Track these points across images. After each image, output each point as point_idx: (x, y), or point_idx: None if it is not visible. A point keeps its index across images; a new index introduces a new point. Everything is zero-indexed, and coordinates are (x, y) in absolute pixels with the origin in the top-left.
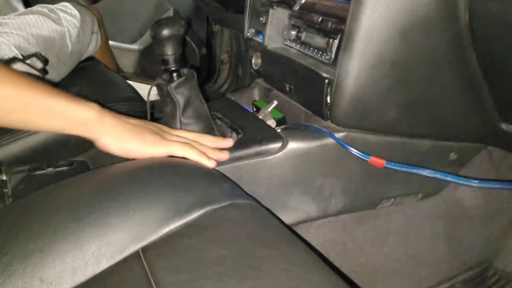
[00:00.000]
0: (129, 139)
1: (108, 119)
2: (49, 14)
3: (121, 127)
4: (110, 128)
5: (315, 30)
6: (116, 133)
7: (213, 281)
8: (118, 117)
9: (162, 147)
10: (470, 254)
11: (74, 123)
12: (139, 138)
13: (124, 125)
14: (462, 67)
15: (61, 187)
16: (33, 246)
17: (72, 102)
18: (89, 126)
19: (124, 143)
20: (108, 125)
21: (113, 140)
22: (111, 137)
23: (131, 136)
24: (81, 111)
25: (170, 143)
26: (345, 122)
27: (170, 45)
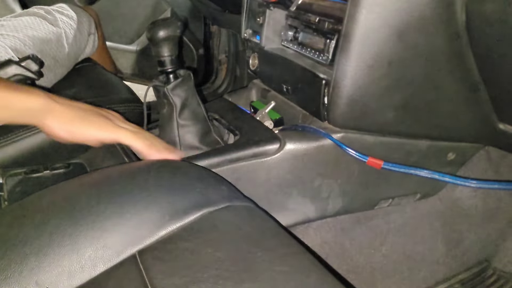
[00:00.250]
0: (75, 121)
1: (55, 105)
2: (46, 15)
3: (68, 111)
4: (55, 113)
5: (312, 31)
6: (62, 116)
7: (209, 284)
8: (67, 103)
9: (110, 132)
10: (468, 254)
11: (20, 113)
12: (86, 121)
13: (72, 109)
14: (459, 67)
15: (57, 190)
16: (29, 249)
17: (19, 93)
18: (35, 113)
19: (69, 126)
20: (55, 110)
21: (58, 123)
22: (56, 120)
23: (77, 119)
24: (26, 101)
25: (119, 129)
26: (342, 123)
27: (166, 47)
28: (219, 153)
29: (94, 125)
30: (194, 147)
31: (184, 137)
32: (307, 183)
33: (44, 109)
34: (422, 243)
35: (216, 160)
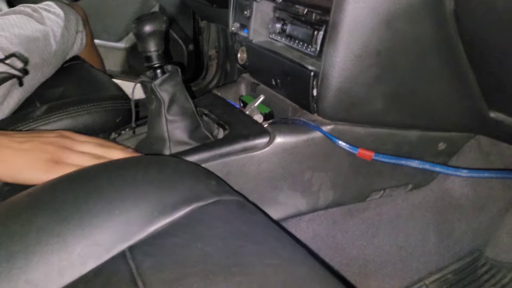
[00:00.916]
0: (21, 171)
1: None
2: (32, 13)
3: (14, 160)
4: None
5: (300, 22)
6: (8, 167)
7: (199, 278)
8: (12, 147)
9: (56, 173)
10: (460, 244)
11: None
12: (31, 169)
13: (17, 157)
14: (448, 56)
15: (44, 188)
16: (18, 248)
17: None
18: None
19: (16, 175)
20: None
21: (4, 174)
22: (2, 171)
23: (23, 168)
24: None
25: (65, 168)
26: (332, 115)
27: (152, 42)
28: (208, 148)
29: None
30: (183, 143)
31: (173, 132)
32: (297, 176)
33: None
34: (414, 234)
35: (206, 155)
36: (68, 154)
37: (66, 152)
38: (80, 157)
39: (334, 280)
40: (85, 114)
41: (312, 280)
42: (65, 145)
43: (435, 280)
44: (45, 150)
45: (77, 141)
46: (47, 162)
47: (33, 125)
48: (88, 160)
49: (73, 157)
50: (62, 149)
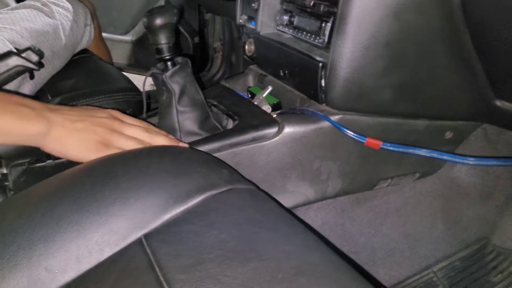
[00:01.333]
0: (72, 149)
1: (54, 131)
2: (42, 8)
3: (66, 138)
4: (54, 140)
5: (307, 14)
6: (60, 144)
7: (215, 264)
8: (65, 126)
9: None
10: (468, 232)
11: (22, 138)
12: (81, 148)
13: (70, 135)
14: (455, 46)
15: (61, 178)
16: (38, 236)
17: (19, 121)
18: (34, 138)
19: (66, 152)
20: (53, 136)
21: (56, 150)
22: (54, 147)
23: (74, 146)
24: (28, 129)
25: (113, 151)
26: (340, 105)
27: (163, 34)
28: (219, 138)
29: (87, 152)
30: (193, 133)
31: (184, 123)
32: (306, 165)
33: (42, 135)
34: (422, 222)
35: (217, 145)
36: (117, 137)
37: (115, 135)
38: (128, 141)
39: (346, 265)
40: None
41: (325, 265)
42: (114, 128)
43: (443, 267)
44: (95, 132)
45: (126, 124)
46: (97, 144)
47: None
48: (135, 145)
49: (121, 141)
50: (112, 131)
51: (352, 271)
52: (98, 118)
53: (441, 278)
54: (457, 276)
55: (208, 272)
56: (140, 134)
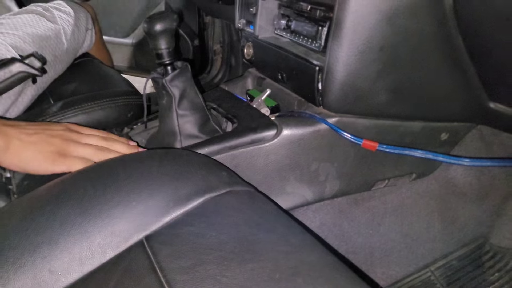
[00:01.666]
0: (29, 163)
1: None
2: (44, 12)
3: (23, 152)
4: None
5: (304, 19)
6: (17, 158)
7: (215, 265)
8: (22, 139)
9: (61, 165)
10: (464, 231)
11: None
12: (38, 160)
13: (26, 148)
14: (448, 50)
15: (64, 182)
16: (41, 239)
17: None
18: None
19: (24, 166)
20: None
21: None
22: (12, 162)
23: (30, 160)
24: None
25: (70, 160)
26: (337, 108)
27: (163, 39)
28: (218, 141)
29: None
30: (193, 136)
31: (184, 126)
32: (304, 167)
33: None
34: (419, 222)
35: (216, 147)
36: (74, 147)
37: (72, 144)
38: (85, 149)
39: (342, 266)
40: (99, 109)
41: (321, 266)
42: (71, 138)
43: (440, 266)
44: (51, 143)
45: (83, 134)
46: (53, 154)
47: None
48: (92, 152)
49: (78, 149)
50: (68, 141)
51: (348, 271)
52: (54, 131)
53: (439, 277)
54: (454, 275)
55: (208, 273)
56: (98, 141)
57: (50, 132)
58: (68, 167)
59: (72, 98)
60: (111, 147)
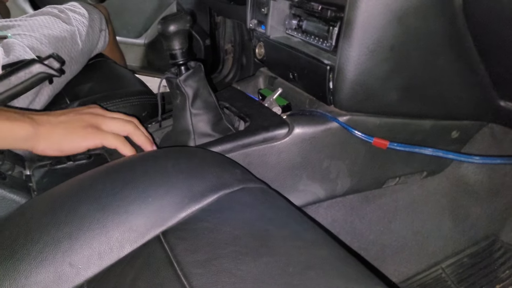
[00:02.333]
0: (62, 141)
1: (40, 128)
2: (59, 14)
3: (53, 131)
4: (43, 137)
5: (315, 19)
6: (50, 139)
7: (230, 259)
8: (50, 121)
9: (95, 138)
10: (476, 229)
11: (10, 141)
12: (71, 137)
13: (56, 128)
14: (458, 49)
15: (83, 179)
16: (62, 234)
17: (6, 122)
18: (24, 141)
19: (58, 146)
20: (41, 134)
21: (48, 146)
22: (46, 144)
23: (63, 137)
24: (15, 130)
25: (102, 134)
26: (348, 106)
27: (177, 40)
28: (231, 139)
29: (79, 138)
30: (207, 135)
31: (197, 125)
32: (316, 165)
33: (31, 135)
34: (430, 219)
35: (229, 146)
36: (103, 120)
37: (101, 118)
38: (113, 122)
39: (354, 260)
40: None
41: (333, 260)
42: (99, 113)
43: (451, 263)
44: (80, 119)
45: (108, 111)
46: (84, 128)
47: None
48: (121, 125)
49: (107, 122)
50: (97, 116)
51: (359, 265)
52: (80, 110)
53: (450, 274)
54: (466, 272)
55: (223, 267)
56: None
57: (77, 111)
58: (101, 140)
59: (87, 98)
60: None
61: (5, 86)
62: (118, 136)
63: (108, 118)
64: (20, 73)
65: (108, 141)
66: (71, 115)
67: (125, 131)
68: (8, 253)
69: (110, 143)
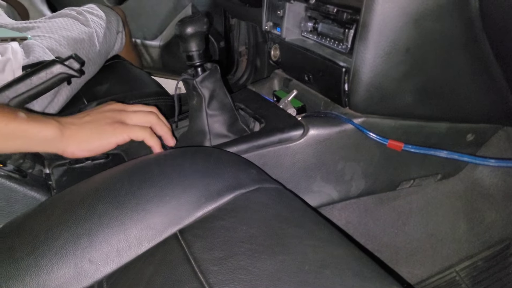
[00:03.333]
0: (90, 140)
1: (67, 130)
2: (77, 16)
3: (80, 132)
4: (71, 138)
5: (331, 21)
6: (78, 139)
7: (246, 256)
8: (75, 123)
9: (122, 133)
10: (491, 232)
11: (38, 143)
12: (99, 135)
13: (83, 128)
14: (474, 51)
15: (102, 178)
16: (82, 230)
17: (33, 123)
18: (52, 143)
19: (87, 146)
20: (68, 135)
21: (77, 147)
22: (75, 145)
23: (91, 136)
24: (42, 131)
25: (129, 128)
26: (363, 108)
27: (194, 42)
28: (246, 140)
29: (107, 135)
30: (222, 135)
31: (213, 126)
32: (330, 166)
33: (59, 137)
34: (444, 222)
35: (244, 146)
36: (127, 115)
37: (124, 113)
38: (137, 115)
39: (369, 260)
40: None
41: (348, 259)
42: (122, 109)
43: (466, 267)
44: (105, 117)
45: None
46: (110, 125)
47: None
48: (143, 117)
49: (131, 116)
50: (120, 112)
51: (374, 265)
52: (102, 108)
53: (464, 277)
54: (480, 276)
55: (240, 264)
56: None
57: (99, 110)
58: (129, 134)
59: (105, 99)
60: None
61: (27, 86)
62: (144, 128)
63: (131, 112)
64: (41, 73)
65: (136, 133)
66: (95, 114)
67: (148, 122)
68: (29, 249)
69: (137, 135)
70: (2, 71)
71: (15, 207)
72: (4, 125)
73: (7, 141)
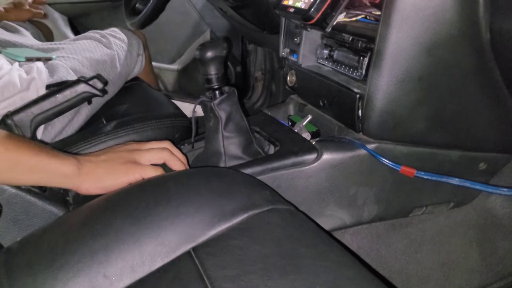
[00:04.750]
0: (104, 179)
1: (84, 167)
2: (101, 39)
3: (96, 170)
4: (87, 176)
5: (346, 49)
6: (93, 177)
7: (258, 275)
8: (92, 160)
9: (134, 173)
10: (503, 263)
11: (56, 177)
12: (112, 174)
13: (98, 167)
14: (486, 82)
15: (118, 195)
16: (98, 246)
17: (54, 159)
18: (69, 179)
19: (101, 184)
20: (85, 173)
21: (91, 185)
22: (89, 183)
23: (105, 175)
24: (61, 167)
25: (141, 168)
26: (376, 134)
27: (213, 66)
28: (261, 162)
29: (119, 175)
30: (237, 157)
31: (229, 148)
32: (343, 190)
33: (76, 174)
34: (457, 251)
35: (258, 168)
36: (140, 155)
37: (138, 153)
38: (150, 153)
39: (379, 283)
40: (149, 130)
41: (359, 281)
42: (136, 148)
43: None
44: (120, 157)
45: (142, 143)
46: (124, 165)
47: (104, 138)
48: (156, 155)
49: (145, 155)
50: (134, 151)
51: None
52: (118, 148)
53: None
54: None
55: (252, 282)
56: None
57: (115, 149)
58: (141, 174)
59: (124, 119)
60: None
61: (51, 104)
62: (155, 168)
63: (144, 150)
64: (66, 91)
65: (147, 174)
66: (110, 154)
67: (161, 159)
68: (47, 262)
69: (149, 175)
70: (27, 89)
71: (33, 220)
72: (27, 157)
73: (28, 174)
